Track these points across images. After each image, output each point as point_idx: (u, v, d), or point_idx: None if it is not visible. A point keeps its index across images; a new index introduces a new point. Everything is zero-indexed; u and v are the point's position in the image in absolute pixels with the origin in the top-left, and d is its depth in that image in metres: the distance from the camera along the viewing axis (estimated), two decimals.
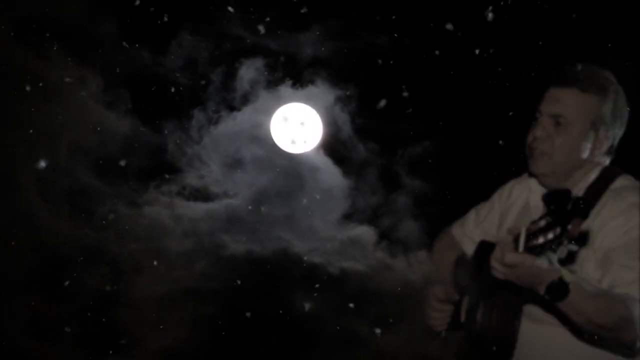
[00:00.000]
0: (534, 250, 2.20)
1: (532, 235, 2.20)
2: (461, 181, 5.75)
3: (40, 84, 5.36)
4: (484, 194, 3.28)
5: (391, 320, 5.61)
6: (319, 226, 6.10)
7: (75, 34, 5.36)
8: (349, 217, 6.19)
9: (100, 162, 5.72)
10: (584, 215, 2.14)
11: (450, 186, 5.86)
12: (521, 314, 2.67)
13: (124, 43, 5.60)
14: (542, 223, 2.17)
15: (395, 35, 5.83)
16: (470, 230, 3.17)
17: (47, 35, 5.35)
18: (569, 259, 2.37)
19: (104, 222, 5.84)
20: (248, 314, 5.97)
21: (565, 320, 2.47)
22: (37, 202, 5.57)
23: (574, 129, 2.67)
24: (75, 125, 5.56)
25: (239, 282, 6.00)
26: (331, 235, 6.11)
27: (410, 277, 5.87)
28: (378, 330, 4.70)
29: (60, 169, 5.58)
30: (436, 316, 3.07)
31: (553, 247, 2.14)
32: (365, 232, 6.20)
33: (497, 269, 2.33)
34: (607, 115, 2.68)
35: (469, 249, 3.13)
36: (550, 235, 2.13)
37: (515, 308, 2.67)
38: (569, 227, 2.09)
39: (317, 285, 5.95)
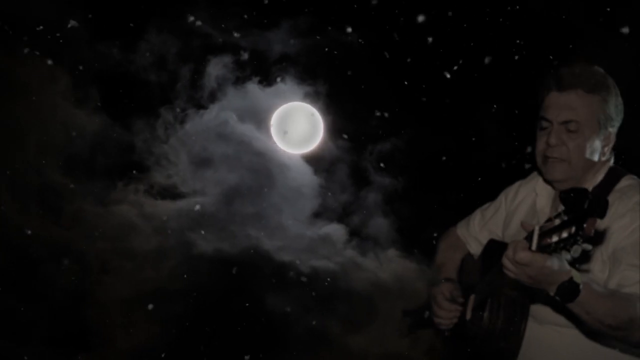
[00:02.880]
0: (547, 248, 2.17)
1: (545, 233, 2.17)
2: (431, 178, 5.77)
3: (9, 82, 5.30)
4: (455, 190, 3.29)
5: (361, 319, 5.64)
6: (288, 224, 6.10)
7: (45, 32, 5.31)
8: (319, 215, 6.19)
9: (69, 160, 5.68)
10: (601, 215, 2.06)
11: (421, 183, 5.89)
12: (528, 314, 2.68)
13: (93, 41, 5.56)
14: (557, 222, 2.13)
15: (364, 31, 5.85)
16: (476, 231, 3.17)
17: (16, 33, 5.30)
18: (583, 258, 2.37)
19: (72, 220, 5.79)
20: (217, 312, 5.95)
21: (574, 320, 2.49)
22: (5, 200, 5.51)
23: (585, 131, 2.68)
24: (44, 123, 5.51)
25: (208, 281, 5.98)
26: (301, 233, 6.11)
27: (380, 275, 5.89)
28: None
29: (28, 166, 5.52)
30: (443, 315, 3.01)
31: (567, 246, 2.11)
32: (335, 230, 6.20)
33: (509, 268, 2.30)
34: (612, 111, 2.70)
35: (475, 249, 3.14)
36: (564, 234, 2.10)
37: (522, 308, 2.68)
38: (585, 226, 2.06)
39: (286, 284, 5.94)
